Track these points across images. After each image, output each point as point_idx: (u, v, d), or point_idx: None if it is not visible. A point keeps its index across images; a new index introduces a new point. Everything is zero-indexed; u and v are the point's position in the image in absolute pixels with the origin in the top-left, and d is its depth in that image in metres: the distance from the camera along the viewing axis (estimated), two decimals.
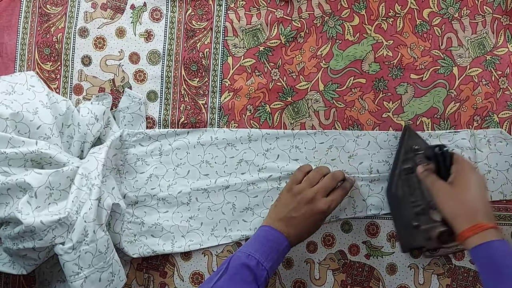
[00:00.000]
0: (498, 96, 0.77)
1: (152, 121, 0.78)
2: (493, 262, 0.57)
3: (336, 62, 0.78)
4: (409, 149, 0.73)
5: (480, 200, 0.62)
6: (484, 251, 0.58)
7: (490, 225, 0.59)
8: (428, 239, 0.70)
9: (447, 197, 0.64)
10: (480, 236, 0.59)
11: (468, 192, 0.63)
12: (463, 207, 0.62)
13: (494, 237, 0.58)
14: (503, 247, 0.58)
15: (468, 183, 0.64)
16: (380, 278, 0.76)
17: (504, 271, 0.56)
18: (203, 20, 0.78)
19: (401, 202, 0.72)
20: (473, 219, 0.60)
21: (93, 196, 0.65)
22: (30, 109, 0.69)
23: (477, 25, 0.78)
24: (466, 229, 0.60)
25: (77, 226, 0.63)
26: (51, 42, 0.78)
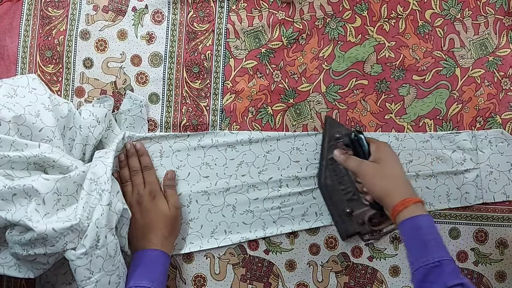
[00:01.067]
0: (501, 97, 0.77)
1: (154, 123, 0.78)
2: (420, 234, 0.59)
3: (338, 64, 0.78)
4: (332, 137, 0.74)
5: (403, 176, 0.65)
6: (413, 224, 0.60)
7: (417, 199, 0.62)
8: (362, 224, 0.72)
9: (374, 175, 0.65)
10: (409, 210, 0.61)
11: (393, 169, 0.65)
12: (392, 182, 0.64)
13: (421, 211, 0.61)
14: (429, 221, 0.61)
15: (391, 159, 0.66)
16: (383, 280, 0.75)
17: (428, 244, 0.58)
18: (204, 22, 0.78)
19: (332, 191, 0.73)
20: (401, 193, 0.62)
21: (104, 202, 0.65)
22: (32, 112, 0.69)
23: (479, 26, 0.77)
24: (397, 203, 0.61)
25: (89, 232, 0.64)
26: (53, 45, 0.78)
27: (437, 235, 0.60)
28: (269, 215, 0.76)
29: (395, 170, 0.65)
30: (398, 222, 0.61)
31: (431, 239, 0.59)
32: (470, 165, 0.76)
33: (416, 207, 0.61)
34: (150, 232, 0.70)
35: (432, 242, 0.59)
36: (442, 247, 0.59)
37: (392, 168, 0.65)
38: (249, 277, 0.76)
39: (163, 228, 0.70)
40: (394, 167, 0.65)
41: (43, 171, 0.69)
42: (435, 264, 0.57)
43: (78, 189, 0.68)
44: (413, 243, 0.60)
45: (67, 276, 0.73)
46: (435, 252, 0.58)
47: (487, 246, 0.75)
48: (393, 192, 0.63)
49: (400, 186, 0.63)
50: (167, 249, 0.70)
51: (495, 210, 0.76)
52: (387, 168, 0.65)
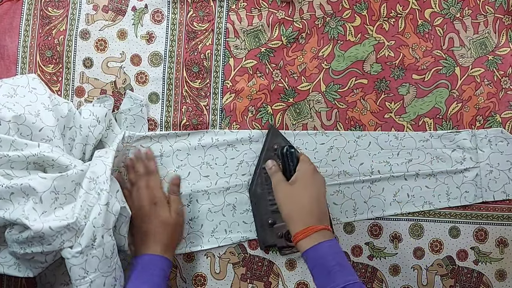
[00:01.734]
0: (501, 96, 0.77)
1: (154, 123, 0.78)
2: (323, 263, 0.59)
3: (338, 63, 0.78)
4: (271, 147, 0.74)
5: (314, 201, 0.63)
6: (314, 253, 0.60)
7: (321, 226, 0.61)
8: (280, 237, 0.72)
9: (285, 197, 0.65)
10: (311, 239, 0.60)
11: (302, 194, 0.64)
12: (298, 209, 0.63)
13: (324, 238, 0.60)
14: (332, 247, 0.60)
15: (306, 184, 0.65)
16: (383, 279, 0.75)
17: (332, 270, 0.58)
18: (204, 22, 0.78)
19: (260, 199, 0.74)
20: (306, 221, 0.61)
21: (102, 201, 0.65)
22: (32, 112, 0.69)
23: (479, 25, 0.77)
24: (298, 232, 0.61)
25: (86, 231, 0.64)
26: (53, 45, 0.78)
27: (341, 258, 0.60)
28: None
29: (303, 196, 0.64)
30: (301, 251, 0.61)
31: (334, 265, 0.58)
32: (470, 164, 0.76)
33: (318, 235, 0.60)
34: (150, 239, 0.69)
35: (336, 268, 0.58)
36: (346, 271, 0.59)
37: (303, 193, 0.64)
38: (249, 276, 0.76)
39: (164, 235, 0.69)
40: (305, 192, 0.64)
41: (42, 170, 0.69)
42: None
43: (76, 188, 0.68)
44: (317, 272, 0.59)
45: (65, 276, 0.73)
46: (340, 277, 0.58)
47: (487, 245, 0.75)
48: (296, 219, 0.62)
49: (306, 213, 0.62)
50: (168, 255, 0.69)
51: (495, 209, 0.76)
52: (297, 193, 0.64)
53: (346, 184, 0.76)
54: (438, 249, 0.75)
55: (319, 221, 0.62)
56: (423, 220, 0.76)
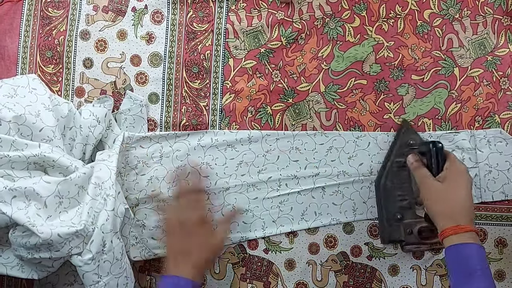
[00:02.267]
0: (499, 97, 0.77)
1: (153, 123, 0.78)
2: (468, 263, 0.59)
3: (337, 64, 0.78)
4: (404, 143, 0.73)
5: (466, 203, 0.63)
6: (460, 252, 0.60)
7: (471, 228, 0.61)
8: (409, 233, 0.71)
9: (435, 194, 0.65)
10: (459, 237, 0.60)
11: (457, 193, 0.63)
12: (449, 207, 0.63)
13: (474, 240, 0.60)
14: (479, 252, 0.60)
15: (459, 184, 0.64)
16: (383, 280, 0.76)
17: (474, 273, 0.58)
18: (204, 22, 0.79)
19: (388, 194, 0.73)
20: (456, 219, 0.61)
21: (108, 207, 0.66)
22: (33, 112, 0.69)
23: (478, 26, 0.78)
24: (448, 228, 0.61)
25: (95, 238, 0.64)
26: (53, 45, 0.79)
27: (486, 266, 0.59)
28: (268, 215, 0.76)
29: (457, 195, 0.63)
30: (446, 245, 0.61)
31: (479, 269, 0.58)
32: (469, 164, 0.76)
33: (469, 235, 0.60)
34: (185, 259, 0.65)
35: (478, 272, 0.58)
36: (489, 280, 0.58)
37: (455, 192, 0.63)
38: (248, 276, 0.76)
39: (200, 258, 0.66)
40: (458, 192, 0.63)
41: (43, 171, 0.69)
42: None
43: (80, 191, 0.68)
44: (458, 270, 0.59)
45: (69, 277, 0.73)
46: (480, 282, 0.57)
47: (486, 245, 0.75)
48: (448, 216, 0.62)
49: (457, 212, 0.62)
50: (197, 280, 0.65)
51: (494, 209, 0.76)
52: (450, 191, 0.64)
53: (345, 184, 0.76)
54: (437, 249, 0.75)
55: (470, 223, 0.62)
56: None
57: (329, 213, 0.76)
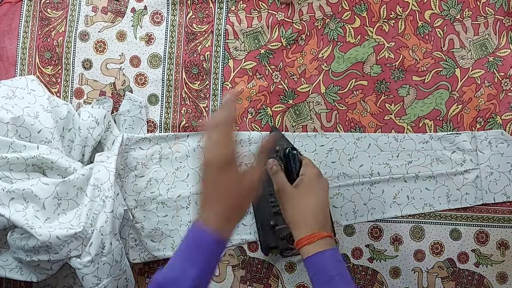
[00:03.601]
0: (501, 98, 0.76)
1: (153, 124, 0.77)
2: (325, 271, 0.58)
3: (338, 65, 0.77)
4: (273, 149, 0.73)
5: (318, 208, 0.63)
6: (317, 260, 0.59)
7: (325, 234, 0.60)
8: (282, 239, 0.71)
9: (289, 201, 0.63)
10: (314, 246, 0.60)
11: (309, 199, 0.63)
12: (302, 214, 0.62)
13: (328, 246, 0.60)
14: (335, 256, 0.60)
15: (312, 189, 0.64)
16: (384, 282, 0.75)
17: (334, 278, 0.58)
18: (204, 23, 0.78)
19: (261, 201, 0.73)
20: (310, 227, 0.61)
21: (107, 209, 0.66)
22: (31, 113, 0.69)
23: (479, 27, 0.77)
24: (303, 237, 0.61)
25: (94, 240, 0.64)
26: (52, 46, 0.78)
27: (343, 269, 0.59)
28: None
29: (310, 201, 0.62)
30: (303, 256, 0.61)
31: (335, 275, 0.58)
32: (470, 166, 0.75)
33: (321, 242, 0.60)
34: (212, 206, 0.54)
35: (336, 278, 0.58)
36: (347, 282, 0.58)
37: (308, 198, 0.63)
38: (248, 278, 0.75)
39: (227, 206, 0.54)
40: (310, 198, 0.62)
41: (41, 172, 0.69)
42: None
43: (78, 193, 0.68)
44: (318, 280, 0.59)
45: (68, 279, 0.73)
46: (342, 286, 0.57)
47: (488, 247, 0.75)
48: (300, 224, 0.62)
49: (310, 218, 0.61)
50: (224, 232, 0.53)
51: (495, 211, 0.75)
52: (302, 197, 0.63)
53: (346, 186, 0.75)
54: (439, 251, 0.75)
55: (323, 227, 0.61)
56: (424, 223, 0.75)
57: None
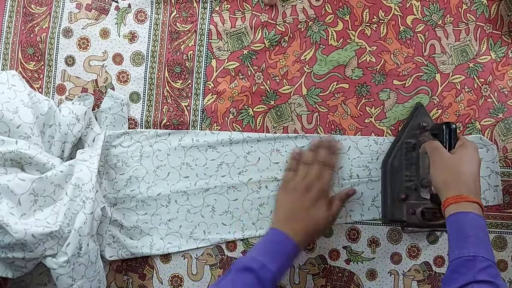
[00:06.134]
0: (481, 104, 0.77)
1: (134, 122, 0.78)
2: (462, 229, 0.59)
3: (320, 67, 0.78)
4: (416, 125, 0.74)
5: (472, 176, 0.64)
6: (458, 219, 0.60)
7: (474, 199, 0.61)
8: (411, 214, 0.71)
9: (443, 164, 0.66)
10: (460, 206, 0.61)
11: (464, 165, 0.64)
12: (454, 176, 0.64)
13: (473, 210, 0.60)
14: (478, 220, 0.60)
15: (467, 158, 0.65)
16: (360, 284, 0.75)
17: (468, 239, 0.58)
18: (187, 23, 0.79)
19: (395, 173, 0.73)
20: (460, 190, 0.62)
21: (87, 210, 0.65)
22: (11, 108, 0.69)
23: (461, 33, 0.78)
24: (451, 197, 0.62)
25: (71, 240, 0.64)
26: (35, 42, 0.78)
27: (482, 234, 0.59)
28: (248, 217, 0.76)
29: (465, 167, 0.64)
30: (446, 215, 0.62)
31: (472, 235, 0.59)
32: None
33: (469, 205, 0.60)
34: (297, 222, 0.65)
35: (472, 238, 0.58)
36: (483, 247, 0.58)
37: (463, 164, 0.64)
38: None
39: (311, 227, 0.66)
40: (465, 164, 0.64)
41: (20, 167, 0.69)
42: (469, 258, 0.57)
43: (56, 190, 0.68)
44: (454, 236, 0.60)
45: (43, 277, 0.73)
46: (473, 247, 0.58)
47: None
48: (452, 186, 0.63)
49: (462, 182, 0.63)
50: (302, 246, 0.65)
51: None
52: (458, 163, 0.65)
53: None
54: (415, 254, 0.75)
55: (473, 193, 0.62)
56: None
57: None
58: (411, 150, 0.73)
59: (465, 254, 0.57)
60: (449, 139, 0.68)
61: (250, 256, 0.62)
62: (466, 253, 0.58)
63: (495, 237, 0.76)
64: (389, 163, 0.74)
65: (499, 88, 0.77)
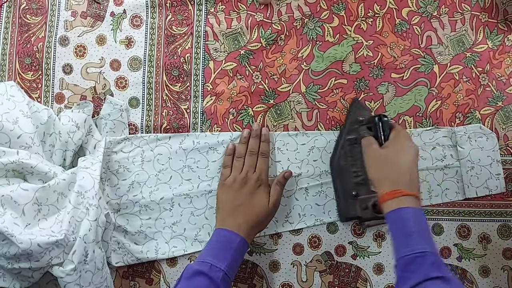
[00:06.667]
0: (479, 93, 0.77)
1: (134, 127, 0.78)
2: (404, 226, 0.59)
3: (317, 64, 0.78)
4: (355, 120, 0.74)
5: (406, 167, 0.63)
6: (397, 215, 0.60)
7: (410, 192, 0.61)
8: (364, 209, 0.71)
9: (376, 159, 0.66)
10: (398, 201, 0.60)
11: (396, 157, 0.64)
12: (388, 171, 0.64)
13: (411, 205, 0.60)
14: (417, 215, 0.60)
15: (399, 149, 0.65)
16: (368, 279, 0.75)
17: (412, 235, 0.58)
18: (183, 25, 0.79)
19: (343, 171, 0.73)
20: (395, 184, 0.62)
21: (91, 217, 0.65)
22: (10, 119, 0.69)
23: (456, 23, 0.78)
24: (386, 192, 0.62)
25: (77, 248, 0.64)
26: (32, 52, 0.78)
27: (424, 228, 0.59)
28: None
29: (399, 159, 0.64)
30: (385, 212, 0.61)
31: (415, 231, 0.58)
32: (451, 161, 0.76)
33: (406, 200, 0.60)
34: (239, 216, 0.67)
35: (415, 234, 0.58)
36: (426, 240, 0.58)
37: (397, 156, 0.64)
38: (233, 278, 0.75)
39: (253, 218, 0.67)
40: (399, 156, 0.64)
41: (22, 177, 0.69)
42: (417, 255, 0.57)
43: (59, 198, 0.68)
44: (397, 234, 0.60)
45: (51, 286, 0.73)
46: (418, 243, 0.58)
47: (470, 241, 0.75)
48: (387, 180, 0.63)
49: (397, 176, 0.63)
50: (248, 238, 0.66)
51: (477, 205, 0.76)
52: (391, 155, 0.64)
53: (328, 184, 0.76)
54: None
55: (408, 186, 0.62)
56: None
57: (312, 214, 0.76)
58: (354, 145, 0.73)
59: (414, 251, 0.57)
60: (383, 131, 0.68)
61: (198, 260, 0.63)
62: (413, 250, 0.57)
63: (500, 225, 0.76)
64: (335, 161, 0.74)
65: (497, 76, 0.77)
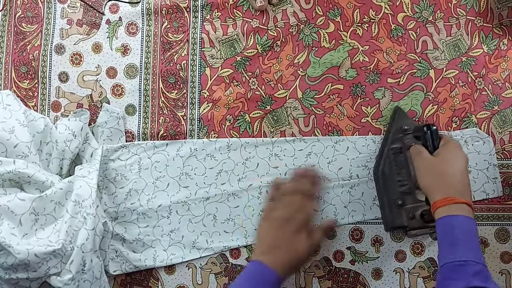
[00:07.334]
0: (476, 97, 0.77)
1: (131, 135, 0.77)
2: (452, 233, 0.59)
3: (313, 70, 0.78)
4: (399, 129, 0.74)
5: (458, 175, 0.63)
6: (446, 222, 0.60)
7: (462, 200, 0.61)
8: (411, 218, 0.70)
9: (427, 168, 0.65)
10: (449, 208, 0.60)
11: (448, 166, 0.64)
12: (440, 179, 0.63)
13: (462, 212, 0.60)
14: (467, 223, 0.59)
15: (450, 157, 0.65)
16: (366, 284, 0.75)
17: (458, 243, 0.58)
18: (179, 33, 0.79)
19: (388, 181, 0.73)
20: (447, 192, 0.62)
21: (89, 226, 0.65)
22: (6, 128, 0.68)
23: (452, 28, 0.78)
24: (438, 200, 0.61)
25: (75, 257, 0.63)
26: (28, 60, 0.78)
27: (471, 237, 0.59)
28: (250, 223, 0.76)
29: (450, 168, 0.63)
30: (436, 218, 0.61)
31: (461, 240, 0.58)
32: None
33: (457, 207, 0.60)
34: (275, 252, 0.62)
35: (461, 242, 0.58)
36: (472, 249, 0.58)
37: (448, 165, 0.64)
38: None
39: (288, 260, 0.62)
40: (450, 165, 0.64)
41: (19, 187, 0.68)
42: (460, 263, 0.56)
43: (56, 207, 0.68)
44: (443, 240, 0.59)
45: None
46: (463, 252, 0.57)
47: None
48: (439, 188, 0.63)
49: (448, 184, 0.62)
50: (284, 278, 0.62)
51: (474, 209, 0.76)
52: (442, 164, 0.64)
53: (326, 189, 0.76)
54: (419, 251, 0.75)
55: (460, 194, 0.61)
56: None
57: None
58: (398, 154, 0.72)
59: (456, 259, 0.57)
60: (432, 141, 0.68)
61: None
62: (456, 257, 0.57)
63: (497, 229, 0.76)
64: (379, 171, 0.73)
65: (493, 80, 0.78)
